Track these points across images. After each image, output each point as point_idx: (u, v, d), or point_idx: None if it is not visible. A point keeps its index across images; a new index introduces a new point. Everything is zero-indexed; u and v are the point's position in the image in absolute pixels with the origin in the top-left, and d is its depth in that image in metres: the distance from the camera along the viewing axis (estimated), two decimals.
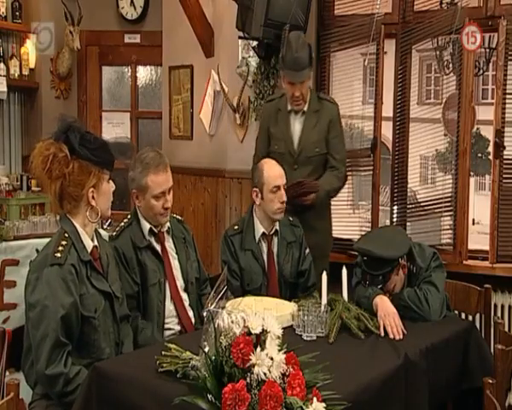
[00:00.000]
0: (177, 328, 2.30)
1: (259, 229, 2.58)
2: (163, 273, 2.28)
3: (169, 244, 2.35)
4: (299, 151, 2.90)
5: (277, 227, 2.62)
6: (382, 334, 2.06)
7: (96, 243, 1.95)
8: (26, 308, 1.83)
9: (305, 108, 2.92)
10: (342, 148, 2.98)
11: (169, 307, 2.28)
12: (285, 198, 2.55)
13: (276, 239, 2.61)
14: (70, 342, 1.80)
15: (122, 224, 2.30)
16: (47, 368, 1.74)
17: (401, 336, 2.04)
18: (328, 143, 2.91)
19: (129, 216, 2.32)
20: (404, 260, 2.29)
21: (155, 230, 2.31)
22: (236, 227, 2.62)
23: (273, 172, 2.57)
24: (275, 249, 2.60)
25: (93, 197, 1.88)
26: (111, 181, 1.94)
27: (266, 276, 2.56)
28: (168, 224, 2.35)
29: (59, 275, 1.78)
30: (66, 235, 1.87)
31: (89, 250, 1.90)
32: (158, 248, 2.31)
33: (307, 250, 2.68)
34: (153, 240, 2.31)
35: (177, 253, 2.35)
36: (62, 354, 1.77)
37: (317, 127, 2.91)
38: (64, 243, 1.84)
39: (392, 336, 2.04)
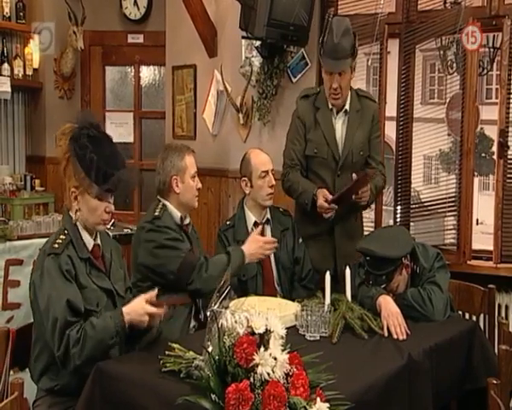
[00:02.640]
0: None
1: (251, 218, 2.61)
2: None
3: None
4: (344, 156, 2.68)
5: (269, 216, 2.65)
6: (386, 334, 2.05)
7: (98, 241, 1.96)
8: (35, 306, 1.85)
9: (347, 107, 2.69)
10: (380, 148, 2.85)
11: None
12: (273, 182, 2.59)
13: (268, 227, 2.64)
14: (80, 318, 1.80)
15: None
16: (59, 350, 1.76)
17: (404, 337, 2.03)
18: (370, 143, 2.74)
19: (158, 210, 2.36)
20: (408, 260, 2.29)
21: (184, 220, 2.41)
22: (228, 222, 2.68)
23: (260, 158, 2.62)
24: (268, 237, 2.61)
25: (76, 198, 1.89)
26: (106, 204, 1.88)
27: (261, 265, 2.58)
28: (188, 218, 2.44)
29: (56, 264, 1.81)
30: (66, 231, 1.90)
31: (89, 248, 1.91)
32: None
33: (300, 240, 2.70)
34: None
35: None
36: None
37: (360, 128, 2.70)
38: (63, 237, 1.88)
39: (395, 336, 2.04)
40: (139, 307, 1.83)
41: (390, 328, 2.06)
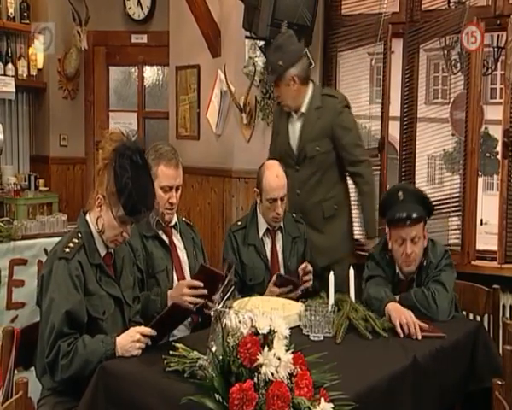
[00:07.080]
0: None
1: (263, 225, 2.59)
2: (170, 261, 2.29)
3: (177, 239, 2.37)
4: (298, 151, 2.85)
5: (281, 223, 2.62)
6: (401, 335, 2.03)
7: (111, 250, 1.95)
8: (40, 303, 1.86)
9: (304, 110, 2.83)
10: (355, 145, 2.83)
11: None
12: (280, 211, 2.52)
13: (280, 234, 2.63)
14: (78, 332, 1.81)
15: None
16: (48, 357, 1.77)
17: (419, 336, 2.01)
18: (340, 139, 2.80)
19: None
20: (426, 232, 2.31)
21: (162, 223, 2.32)
22: (240, 223, 2.64)
23: (271, 183, 2.50)
24: (279, 244, 2.62)
25: (100, 206, 1.87)
26: (124, 229, 1.88)
27: (269, 271, 2.57)
28: (175, 219, 2.37)
29: (65, 269, 1.80)
30: (80, 235, 1.89)
31: (102, 255, 1.91)
32: (165, 239, 2.33)
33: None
34: (160, 232, 2.32)
35: (185, 248, 2.37)
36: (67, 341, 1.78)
37: (317, 125, 2.81)
38: (76, 240, 1.87)
39: (412, 331, 2.01)
40: (132, 331, 1.81)
41: (403, 326, 2.03)
